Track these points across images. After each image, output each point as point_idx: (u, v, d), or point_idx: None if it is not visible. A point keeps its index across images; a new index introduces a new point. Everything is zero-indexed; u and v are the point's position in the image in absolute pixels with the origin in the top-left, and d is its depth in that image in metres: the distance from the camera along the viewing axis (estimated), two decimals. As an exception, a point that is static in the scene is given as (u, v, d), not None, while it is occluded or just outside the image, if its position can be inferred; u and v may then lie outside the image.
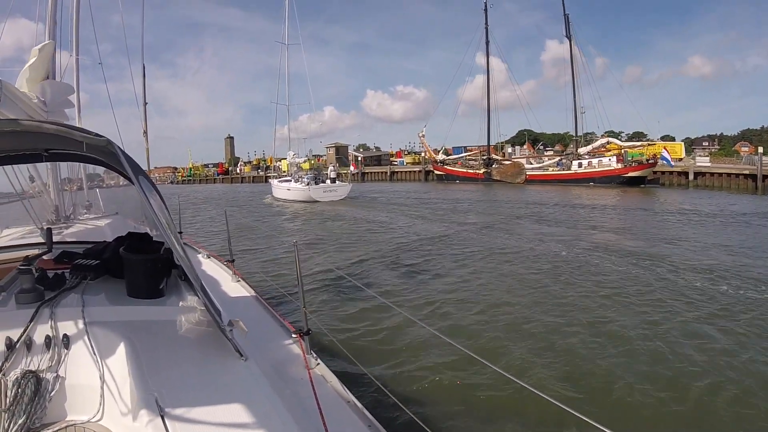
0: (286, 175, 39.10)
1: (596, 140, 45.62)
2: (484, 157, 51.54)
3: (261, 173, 47.67)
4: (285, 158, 43.67)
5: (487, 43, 54.87)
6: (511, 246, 12.80)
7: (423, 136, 56.98)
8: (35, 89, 3.82)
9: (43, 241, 3.34)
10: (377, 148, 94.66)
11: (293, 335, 2.93)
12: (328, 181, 32.52)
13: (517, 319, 6.62)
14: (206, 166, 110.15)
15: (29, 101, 3.51)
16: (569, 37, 48.57)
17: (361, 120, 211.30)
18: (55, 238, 3.87)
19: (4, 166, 3.79)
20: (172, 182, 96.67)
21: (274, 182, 37.88)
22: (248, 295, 3.94)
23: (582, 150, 44.69)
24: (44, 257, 3.15)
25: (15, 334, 2.14)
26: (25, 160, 3.00)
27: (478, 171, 49.37)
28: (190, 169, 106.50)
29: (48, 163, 5.02)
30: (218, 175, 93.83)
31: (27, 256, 2.70)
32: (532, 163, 50.35)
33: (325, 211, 24.75)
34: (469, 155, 56.06)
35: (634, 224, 17.08)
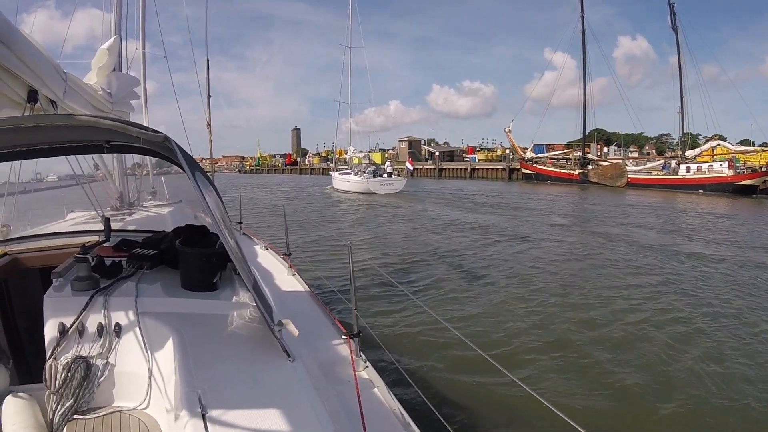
0: (346, 168, 41.76)
1: (666, 142, 41.92)
2: (579, 157, 46.94)
3: (330, 165, 49.45)
4: (354, 151, 46.50)
5: (583, 32, 48.86)
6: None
7: (510, 131, 52.19)
8: (101, 81, 3.99)
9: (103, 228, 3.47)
10: (446, 143, 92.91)
11: (343, 336, 2.89)
12: (385, 175, 35.03)
13: (590, 362, 5.82)
14: (273, 156, 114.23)
15: (94, 93, 3.65)
16: (675, 29, 42.74)
17: (426, 114, 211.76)
18: (117, 225, 4.04)
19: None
20: (240, 171, 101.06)
21: (334, 174, 40.65)
22: (302, 290, 3.93)
23: (690, 153, 40.01)
24: (103, 245, 3.27)
25: (68, 320, 2.21)
26: (88, 151, 3.11)
27: (572, 171, 45.02)
28: (258, 158, 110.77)
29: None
30: (286, 166, 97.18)
31: (85, 244, 2.79)
32: (627, 165, 45.00)
33: (385, 206, 24.93)
34: (559, 154, 51.58)
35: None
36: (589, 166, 44.90)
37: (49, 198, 6.13)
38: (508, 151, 58.95)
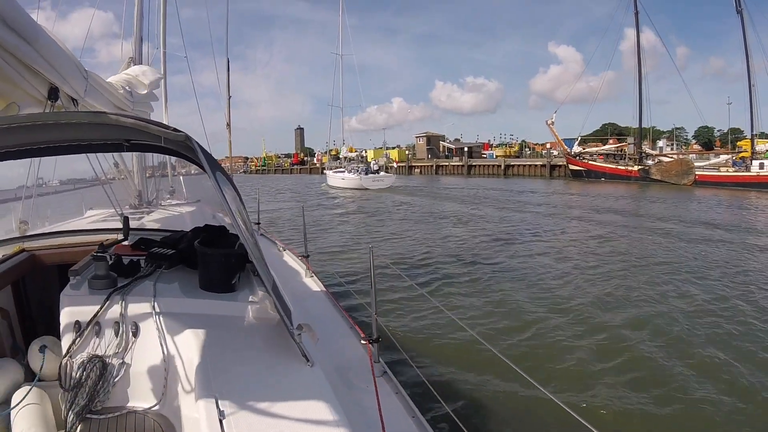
0: (340, 167, 45.90)
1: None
2: (635, 151, 42.70)
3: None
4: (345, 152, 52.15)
5: (636, 14, 43.31)
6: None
7: (552, 123, 47.40)
8: (122, 81, 3.98)
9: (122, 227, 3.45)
10: (458, 140, 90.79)
11: (362, 341, 2.86)
12: (374, 173, 38.64)
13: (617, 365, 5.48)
14: (279, 156, 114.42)
15: (115, 92, 3.63)
16: (740, 13, 37.82)
17: (430, 111, 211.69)
18: (136, 224, 4.02)
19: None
20: (244, 172, 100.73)
21: (329, 173, 44.21)
22: (320, 291, 3.91)
23: (761, 147, 36.42)
24: (122, 243, 3.25)
25: (85, 318, 2.19)
26: (108, 149, 3.10)
27: (630, 167, 40.74)
28: (264, 158, 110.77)
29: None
30: (294, 165, 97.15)
31: (103, 242, 2.76)
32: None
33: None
34: (611, 147, 47.03)
35: None
36: (649, 162, 40.93)
37: (67, 195, 6.14)
38: (550, 146, 56.05)
